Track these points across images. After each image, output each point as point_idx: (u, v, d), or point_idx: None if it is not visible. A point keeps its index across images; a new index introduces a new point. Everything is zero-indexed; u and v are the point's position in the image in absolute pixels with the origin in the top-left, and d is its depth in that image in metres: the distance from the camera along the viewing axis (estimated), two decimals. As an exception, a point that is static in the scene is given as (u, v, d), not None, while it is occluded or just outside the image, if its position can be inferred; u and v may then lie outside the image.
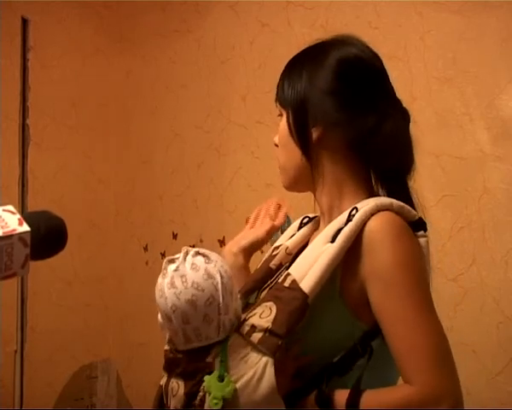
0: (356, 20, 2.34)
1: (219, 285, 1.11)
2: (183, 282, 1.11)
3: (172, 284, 1.11)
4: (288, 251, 1.33)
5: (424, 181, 2.11)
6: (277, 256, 1.34)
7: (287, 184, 1.29)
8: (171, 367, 1.16)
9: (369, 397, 1.08)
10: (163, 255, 3.28)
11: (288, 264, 1.33)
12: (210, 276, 1.11)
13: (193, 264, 1.12)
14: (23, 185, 3.24)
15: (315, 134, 1.22)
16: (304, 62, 1.26)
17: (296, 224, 1.42)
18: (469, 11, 2.03)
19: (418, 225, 1.21)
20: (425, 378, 1.05)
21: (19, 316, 3.20)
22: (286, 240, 1.38)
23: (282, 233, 1.45)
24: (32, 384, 3.22)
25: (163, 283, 1.13)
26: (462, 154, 2.03)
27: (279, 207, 1.46)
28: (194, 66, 3.15)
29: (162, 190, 3.33)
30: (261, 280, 1.31)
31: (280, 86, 1.28)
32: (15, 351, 3.19)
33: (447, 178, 2.08)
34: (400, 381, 1.21)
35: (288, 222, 1.56)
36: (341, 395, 1.09)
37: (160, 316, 1.16)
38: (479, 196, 1.99)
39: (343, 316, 1.14)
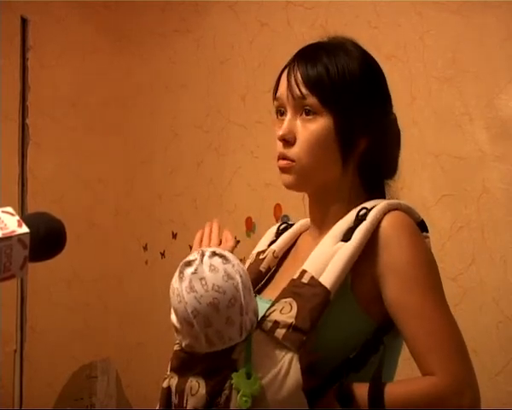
0: (355, 20, 2.34)
1: (240, 285, 1.10)
2: (203, 285, 1.08)
3: (192, 288, 1.09)
4: (274, 254, 1.35)
5: (423, 181, 2.12)
6: (266, 260, 1.35)
7: (294, 183, 1.24)
8: (188, 367, 1.13)
9: (392, 388, 1.10)
10: (162, 255, 3.28)
11: (275, 267, 1.36)
12: (230, 277, 1.10)
13: (211, 265, 1.10)
14: (23, 185, 3.24)
15: (363, 144, 1.22)
16: (349, 63, 1.21)
17: (273, 231, 1.43)
18: (469, 11, 2.03)
19: (421, 227, 1.23)
20: (447, 368, 1.08)
21: (18, 316, 3.21)
22: (265, 246, 1.39)
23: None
24: (31, 384, 3.22)
25: (181, 287, 1.10)
26: (462, 153, 2.04)
27: (217, 229, 1.44)
28: (193, 65, 3.15)
29: (162, 189, 3.33)
30: (252, 283, 1.32)
31: (326, 79, 1.19)
32: (15, 351, 3.19)
33: (446, 178, 2.08)
34: (396, 378, 1.23)
35: (287, 220, 1.57)
36: (361, 389, 1.10)
37: (176, 321, 1.13)
38: (478, 196, 1.99)
39: (354, 312, 1.15)
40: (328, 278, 1.12)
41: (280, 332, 1.09)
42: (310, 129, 1.20)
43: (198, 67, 3.12)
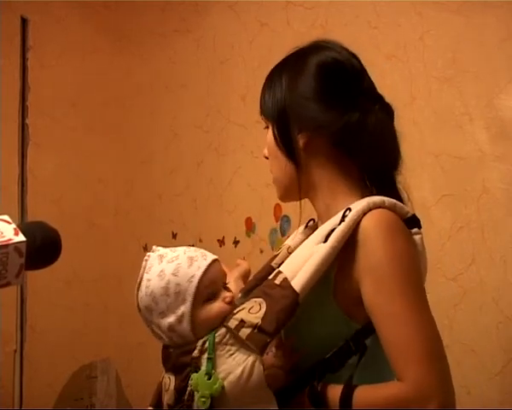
0: (355, 20, 2.34)
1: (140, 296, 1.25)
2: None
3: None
4: (289, 250, 1.35)
5: (424, 181, 2.12)
6: (279, 255, 1.35)
7: (281, 196, 1.32)
8: (165, 362, 1.18)
9: (361, 393, 1.08)
10: (162, 255, 3.28)
11: None
12: (146, 286, 1.25)
13: (147, 269, 1.27)
14: (22, 185, 3.24)
15: (301, 141, 1.24)
16: (282, 71, 1.29)
17: (302, 226, 1.43)
18: (469, 11, 2.03)
19: (412, 222, 1.21)
20: (414, 374, 1.05)
21: (18, 316, 3.20)
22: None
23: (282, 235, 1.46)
24: (31, 384, 3.22)
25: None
26: (462, 153, 2.03)
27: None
28: (193, 65, 3.15)
29: (161, 189, 3.33)
30: (262, 278, 1.32)
31: (262, 99, 1.31)
32: (15, 351, 3.19)
33: (446, 178, 2.08)
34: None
35: (287, 221, 1.57)
36: (334, 391, 1.09)
37: None
38: (478, 196, 1.99)
39: (336, 316, 1.14)
40: (298, 281, 1.11)
41: (245, 332, 1.09)
42: (267, 142, 1.31)
43: (198, 67, 3.11)
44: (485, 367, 1.92)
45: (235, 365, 1.07)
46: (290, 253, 1.33)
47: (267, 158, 1.32)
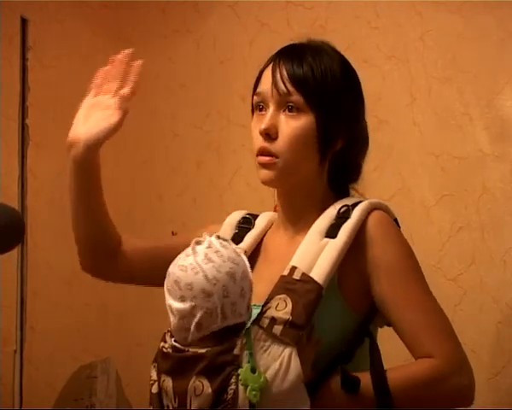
0: (355, 20, 2.34)
1: (247, 262, 1.16)
2: (219, 256, 1.13)
3: (209, 260, 1.12)
4: (246, 255, 1.35)
5: (423, 181, 2.12)
6: None
7: (276, 180, 1.30)
8: (185, 367, 1.13)
9: (394, 374, 1.15)
10: (162, 255, 3.27)
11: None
12: (238, 254, 1.16)
13: (221, 243, 1.16)
14: (22, 185, 3.23)
15: (339, 144, 1.28)
16: (331, 65, 1.27)
17: (231, 222, 1.47)
18: (469, 11, 2.03)
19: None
20: (444, 349, 1.16)
21: (18, 316, 3.20)
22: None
23: None
24: (31, 384, 3.21)
25: (195, 261, 1.13)
26: (462, 154, 2.04)
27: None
28: (193, 66, 3.15)
29: (162, 189, 3.33)
30: None
31: (307, 82, 1.23)
32: (15, 351, 3.19)
33: (446, 178, 2.08)
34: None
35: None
36: (365, 378, 1.15)
37: (188, 299, 1.11)
38: (478, 196, 1.99)
39: (341, 308, 1.20)
40: (319, 274, 1.16)
41: (278, 328, 1.12)
42: (292, 125, 1.24)
43: (198, 67, 3.12)
44: (484, 367, 1.92)
45: (270, 360, 1.10)
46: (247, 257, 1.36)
47: (268, 134, 1.26)
